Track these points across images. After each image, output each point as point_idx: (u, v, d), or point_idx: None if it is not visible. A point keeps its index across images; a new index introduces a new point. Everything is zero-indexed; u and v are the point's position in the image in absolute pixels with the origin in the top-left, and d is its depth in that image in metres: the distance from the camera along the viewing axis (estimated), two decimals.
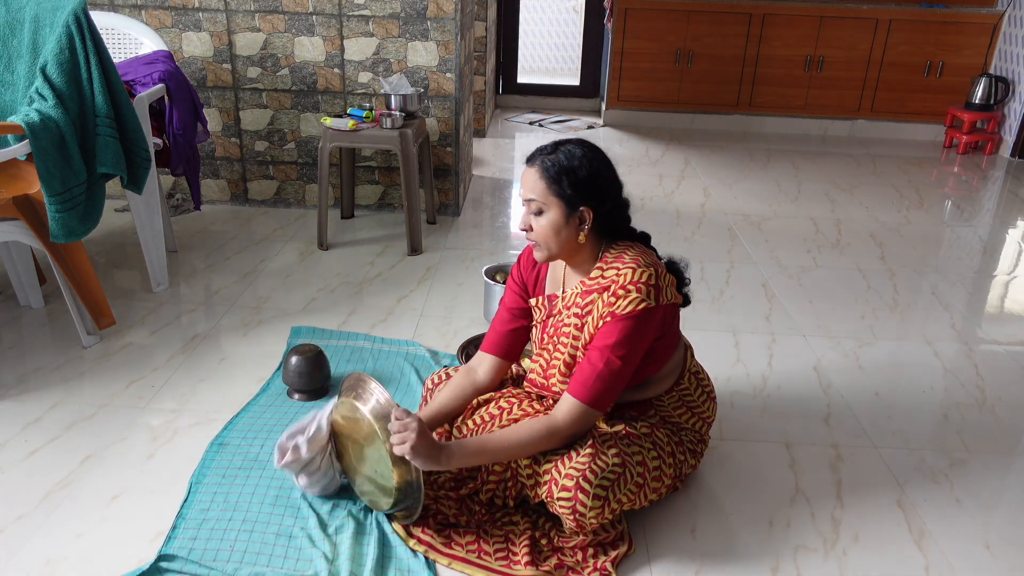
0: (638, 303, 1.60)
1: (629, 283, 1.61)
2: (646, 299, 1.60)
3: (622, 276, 1.62)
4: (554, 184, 1.63)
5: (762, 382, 2.38)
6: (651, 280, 1.62)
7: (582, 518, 1.57)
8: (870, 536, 1.76)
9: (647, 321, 1.62)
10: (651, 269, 1.63)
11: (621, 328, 1.60)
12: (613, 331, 1.61)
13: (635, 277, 1.61)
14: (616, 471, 1.60)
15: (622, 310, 1.60)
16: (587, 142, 1.70)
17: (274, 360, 2.39)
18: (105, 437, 1.99)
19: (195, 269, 3.05)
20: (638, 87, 5.75)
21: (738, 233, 3.65)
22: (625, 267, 1.63)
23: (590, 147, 1.68)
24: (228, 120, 3.59)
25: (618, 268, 1.64)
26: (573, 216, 1.64)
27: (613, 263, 1.66)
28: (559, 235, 1.65)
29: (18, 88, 2.43)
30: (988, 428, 2.20)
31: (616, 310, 1.61)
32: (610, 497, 1.58)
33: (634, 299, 1.60)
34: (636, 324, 1.60)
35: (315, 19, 3.41)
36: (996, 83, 5.25)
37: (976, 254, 3.57)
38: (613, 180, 1.69)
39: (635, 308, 1.60)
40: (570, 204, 1.63)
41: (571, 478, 1.56)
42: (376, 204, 3.75)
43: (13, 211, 2.21)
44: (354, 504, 1.76)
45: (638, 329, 1.61)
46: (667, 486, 1.75)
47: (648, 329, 1.63)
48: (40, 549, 1.62)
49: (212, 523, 1.70)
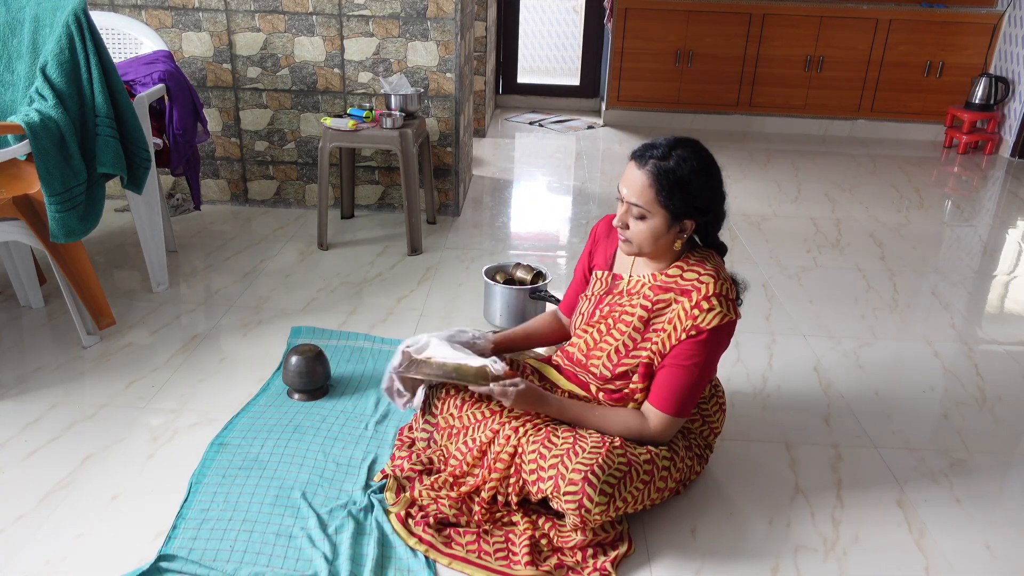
0: (723, 318, 1.63)
1: (712, 295, 1.63)
2: (728, 313, 1.64)
3: (704, 286, 1.64)
4: (665, 196, 1.60)
5: (762, 382, 2.38)
6: (730, 294, 1.66)
7: (588, 514, 1.57)
8: (870, 536, 1.76)
9: (728, 333, 1.67)
10: (729, 282, 1.68)
11: (706, 342, 1.64)
12: (700, 347, 1.64)
13: (717, 289, 1.64)
14: (623, 468, 1.60)
15: (708, 324, 1.63)
16: (699, 147, 1.65)
17: (274, 360, 2.39)
18: (105, 437, 1.99)
19: (195, 269, 3.05)
20: (638, 87, 5.75)
21: (738, 233, 3.65)
22: (706, 275, 1.66)
23: (704, 156, 1.64)
24: (228, 120, 3.59)
25: (699, 273, 1.66)
26: (675, 226, 1.65)
27: (694, 266, 1.68)
28: (657, 241, 1.66)
29: (18, 88, 2.43)
30: (988, 428, 2.20)
31: (702, 324, 1.63)
32: (616, 494, 1.58)
33: (719, 313, 1.63)
34: (720, 337, 1.66)
35: (315, 19, 3.41)
36: (996, 83, 5.25)
37: (976, 254, 3.57)
38: (722, 195, 1.68)
39: (720, 322, 1.63)
40: (675, 216, 1.63)
41: (579, 472, 1.56)
42: (376, 204, 3.75)
43: (13, 211, 2.21)
44: (354, 504, 1.77)
45: (720, 341, 1.67)
46: (670, 489, 1.76)
47: (726, 340, 1.69)
48: (40, 549, 1.62)
49: (212, 523, 1.70)
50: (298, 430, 2.04)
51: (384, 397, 2.20)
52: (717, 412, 1.88)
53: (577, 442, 1.62)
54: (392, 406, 2.16)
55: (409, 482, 1.82)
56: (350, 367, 2.36)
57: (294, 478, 1.85)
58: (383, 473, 1.87)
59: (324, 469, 1.89)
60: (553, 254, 3.44)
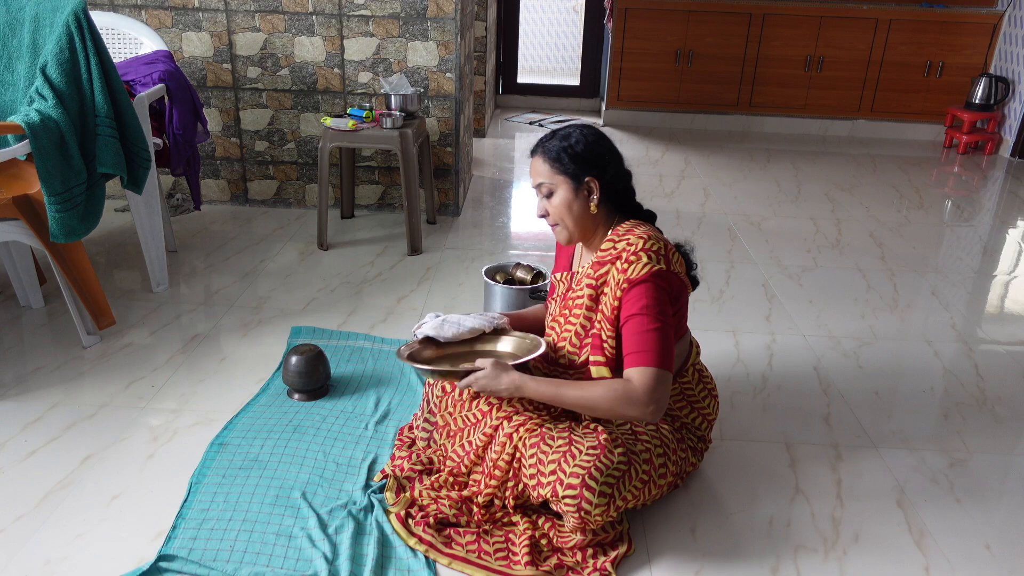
0: (651, 266, 1.64)
1: (640, 250, 1.65)
2: (657, 263, 1.64)
3: (633, 245, 1.67)
4: (556, 163, 1.72)
5: (762, 382, 2.38)
6: (661, 249, 1.67)
7: (587, 515, 1.57)
8: (870, 536, 1.76)
9: (664, 282, 1.65)
10: (660, 242, 1.69)
11: (642, 291, 1.64)
12: (637, 296, 1.64)
13: (643, 245, 1.66)
14: (621, 468, 1.60)
15: (637, 274, 1.64)
16: (583, 123, 1.79)
17: (274, 360, 2.39)
18: (105, 437, 1.99)
19: (195, 269, 3.05)
20: (638, 87, 5.75)
21: (738, 233, 3.65)
22: (636, 238, 1.68)
23: (584, 125, 1.77)
24: (228, 120, 3.59)
25: (629, 239, 1.69)
26: (581, 188, 1.72)
27: (625, 235, 1.71)
28: (572, 210, 1.73)
29: (18, 88, 2.43)
30: (988, 428, 2.20)
31: (631, 275, 1.64)
32: (615, 494, 1.58)
33: (646, 263, 1.64)
34: (654, 285, 1.64)
35: (315, 19, 3.41)
36: (996, 83, 5.25)
37: (976, 254, 3.57)
38: (610, 149, 1.75)
39: (649, 270, 1.64)
40: (575, 178, 1.71)
41: (577, 476, 1.56)
42: (376, 204, 3.75)
43: (13, 211, 2.21)
44: (354, 504, 1.77)
45: (658, 290, 1.64)
46: (669, 483, 1.76)
47: (666, 291, 1.66)
48: (40, 549, 1.62)
49: (212, 523, 1.70)
50: (298, 430, 2.04)
51: (384, 397, 2.21)
52: (707, 398, 1.86)
53: (574, 443, 1.62)
54: (392, 405, 2.16)
55: (409, 482, 1.82)
56: (350, 367, 2.36)
57: (294, 478, 1.85)
58: (383, 473, 1.87)
59: (324, 469, 1.89)
60: (553, 254, 3.44)
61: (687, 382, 1.83)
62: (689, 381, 1.83)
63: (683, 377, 1.82)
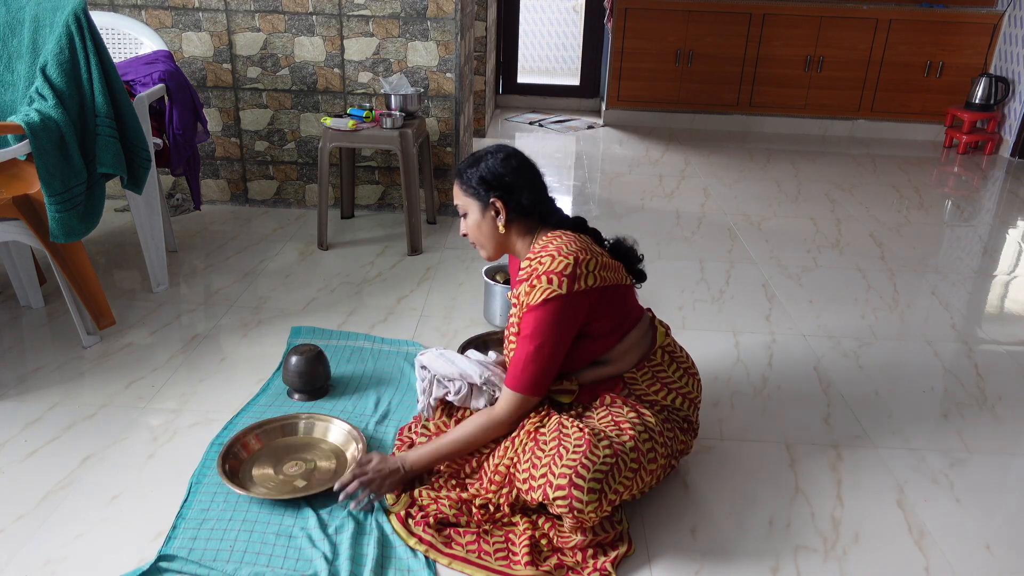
0: (548, 293, 1.68)
1: (543, 272, 1.70)
2: (557, 289, 1.68)
3: (542, 265, 1.71)
4: (465, 186, 1.82)
5: (762, 382, 2.38)
6: (566, 270, 1.68)
7: (580, 514, 1.57)
8: (870, 536, 1.76)
9: (561, 309, 1.69)
10: (570, 258, 1.70)
11: (535, 318, 1.70)
12: (529, 321, 1.72)
13: (551, 266, 1.69)
14: (608, 462, 1.60)
15: (535, 300, 1.70)
16: (501, 145, 1.85)
17: (274, 360, 2.39)
18: (105, 437, 1.99)
19: (195, 269, 3.05)
20: (638, 87, 5.75)
21: (738, 233, 3.65)
22: (547, 255, 1.72)
23: (499, 148, 1.84)
24: (228, 120, 3.59)
25: (541, 258, 1.73)
26: (488, 209, 1.80)
27: (539, 253, 1.75)
28: (481, 230, 1.83)
29: (18, 88, 2.43)
30: (988, 428, 2.20)
31: (530, 300, 1.70)
32: (606, 489, 1.58)
33: (544, 289, 1.69)
34: (548, 313, 1.69)
35: (315, 19, 3.41)
36: (996, 83, 5.25)
37: (976, 254, 3.57)
38: (517, 169, 1.80)
39: (544, 298, 1.68)
40: (481, 199, 1.80)
41: (564, 476, 1.57)
42: (376, 204, 3.75)
43: (13, 211, 2.21)
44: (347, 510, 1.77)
45: (553, 317, 1.69)
46: (662, 466, 1.75)
47: (565, 316, 1.70)
48: (40, 549, 1.62)
49: (212, 523, 1.70)
50: None
51: (384, 397, 2.21)
52: (683, 377, 1.86)
53: (562, 442, 1.63)
54: (392, 405, 2.16)
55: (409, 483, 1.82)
56: (350, 367, 2.36)
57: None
58: None
59: None
60: None
61: (657, 364, 1.83)
62: (660, 364, 1.84)
63: (652, 361, 1.83)
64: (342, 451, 1.93)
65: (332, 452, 1.93)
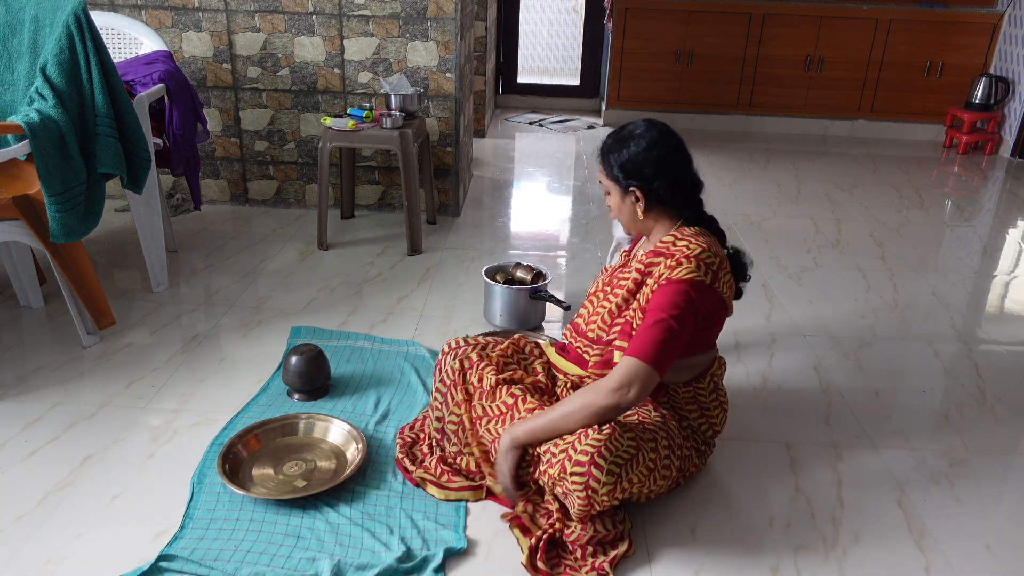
0: (694, 274, 1.67)
1: (693, 256, 1.69)
2: (701, 274, 1.68)
3: (690, 249, 1.71)
4: (607, 168, 1.80)
5: (762, 382, 2.38)
6: (713, 264, 1.70)
7: (594, 495, 1.57)
8: (870, 536, 1.76)
9: (698, 293, 1.67)
10: (717, 258, 1.72)
11: (674, 291, 1.67)
12: (668, 294, 1.67)
13: (698, 252, 1.70)
14: (631, 451, 1.61)
15: (677, 275, 1.67)
16: (648, 122, 1.79)
17: (274, 360, 2.39)
18: (105, 437, 1.99)
19: (195, 269, 3.05)
20: (638, 87, 5.75)
21: (738, 233, 3.65)
22: (695, 243, 1.72)
23: (649, 128, 1.77)
24: (228, 120, 3.59)
25: (690, 243, 1.73)
26: (628, 196, 1.79)
27: (688, 236, 1.75)
28: (622, 212, 1.83)
29: (18, 88, 2.43)
30: (988, 428, 2.20)
31: (672, 275, 1.68)
32: (623, 475, 1.59)
33: (691, 269, 1.67)
34: (688, 291, 1.66)
35: (315, 19, 3.41)
36: (996, 83, 5.25)
37: (976, 254, 3.57)
38: (660, 160, 1.75)
39: (691, 276, 1.67)
40: (621, 185, 1.78)
41: (586, 454, 1.57)
42: (376, 204, 3.75)
43: (13, 211, 2.21)
44: (356, 510, 1.77)
45: (690, 296, 1.66)
46: (672, 478, 1.76)
47: (699, 302, 1.68)
48: (40, 549, 1.62)
49: (220, 523, 1.70)
50: None
51: (384, 397, 2.21)
52: (717, 409, 1.88)
53: (587, 428, 1.63)
54: (392, 405, 2.16)
55: (422, 454, 1.93)
56: (350, 367, 2.36)
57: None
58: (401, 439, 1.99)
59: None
60: (553, 254, 3.44)
61: (701, 388, 1.84)
62: (704, 388, 1.84)
63: (699, 383, 1.83)
64: (342, 451, 1.93)
65: (332, 452, 1.93)
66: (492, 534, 1.71)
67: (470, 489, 1.81)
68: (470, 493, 1.81)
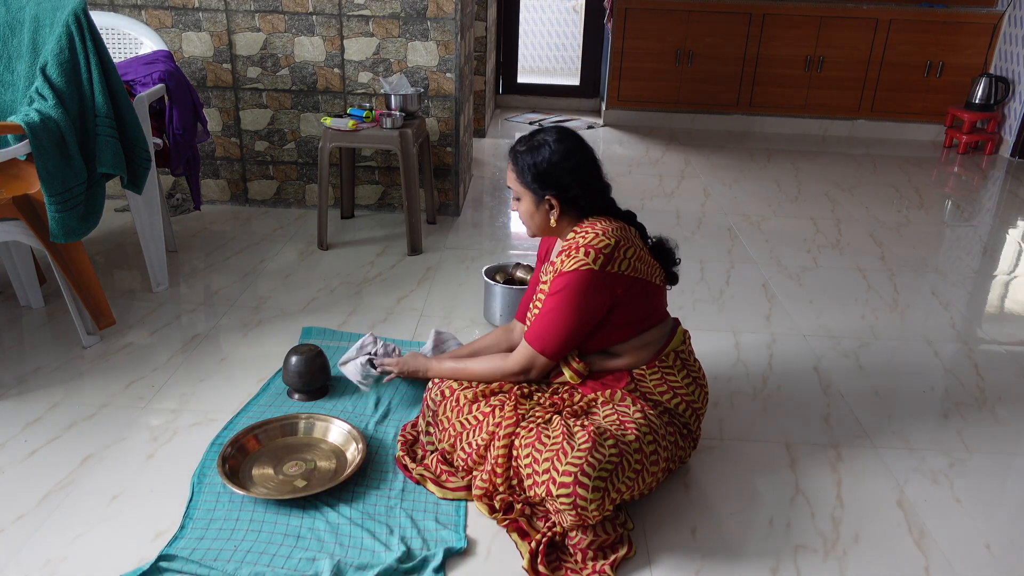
0: (582, 264, 1.72)
1: (583, 245, 1.73)
2: (591, 263, 1.72)
3: (583, 239, 1.75)
4: (521, 176, 1.83)
5: (762, 382, 2.38)
6: (605, 249, 1.73)
7: (584, 512, 1.57)
8: (870, 536, 1.76)
9: (591, 282, 1.72)
10: (612, 240, 1.73)
11: (564, 282, 1.74)
12: (559, 283, 1.76)
13: (590, 241, 1.73)
14: (613, 461, 1.60)
15: (567, 267, 1.74)
16: (560, 131, 1.84)
17: (274, 360, 2.39)
18: (105, 437, 1.99)
19: (195, 269, 3.05)
20: (638, 87, 5.75)
21: (738, 233, 3.65)
22: (591, 232, 1.76)
23: (559, 137, 1.82)
24: (228, 120, 3.59)
25: (585, 232, 1.77)
26: (542, 204, 1.83)
27: (586, 227, 1.79)
28: (533, 219, 1.87)
29: (18, 88, 2.43)
30: (988, 428, 2.20)
31: (563, 267, 1.75)
32: (609, 487, 1.59)
33: (579, 260, 1.73)
34: (577, 281, 1.73)
35: (315, 19, 3.41)
36: (996, 83, 5.25)
37: (976, 254, 3.57)
38: (576, 169, 1.80)
39: (576, 267, 1.72)
40: (536, 194, 1.82)
41: (569, 473, 1.57)
42: (376, 204, 3.75)
43: (13, 211, 2.21)
44: (356, 510, 1.77)
45: (580, 286, 1.73)
46: (662, 469, 1.75)
47: (592, 290, 1.73)
48: (40, 549, 1.62)
49: (220, 523, 1.70)
50: None
51: (384, 397, 2.21)
52: (691, 385, 1.85)
53: (566, 439, 1.63)
54: (392, 405, 2.16)
55: (422, 452, 1.95)
56: None
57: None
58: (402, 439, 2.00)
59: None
60: None
61: (667, 366, 1.84)
62: (670, 366, 1.84)
63: (664, 362, 1.83)
64: (342, 451, 1.93)
65: (332, 452, 1.93)
66: (492, 534, 1.72)
67: (467, 489, 1.81)
68: (466, 493, 1.81)
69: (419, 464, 1.88)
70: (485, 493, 1.76)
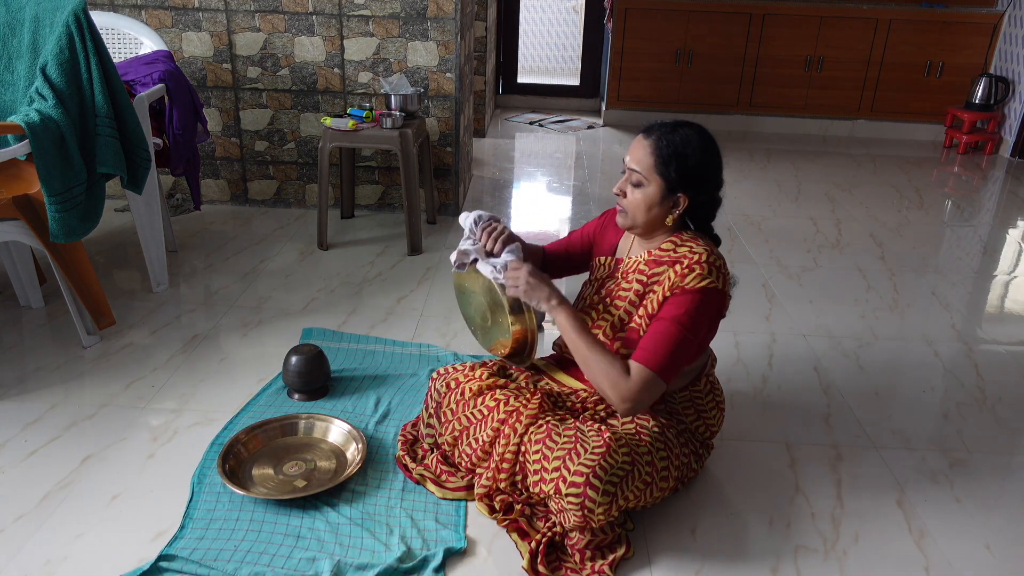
0: (708, 280, 1.64)
1: (704, 261, 1.65)
2: (714, 280, 1.65)
3: (696, 255, 1.67)
4: (662, 164, 1.66)
5: (762, 382, 2.38)
6: (721, 267, 1.68)
7: (590, 514, 1.57)
8: (870, 536, 1.76)
9: (711, 300, 1.65)
10: (721, 259, 1.70)
11: (689, 301, 1.63)
12: (682, 303, 1.64)
13: (707, 258, 1.66)
14: (625, 468, 1.60)
15: (691, 284, 1.64)
16: (705, 131, 1.72)
17: (274, 360, 2.39)
18: (105, 437, 1.99)
19: (195, 269, 3.05)
20: (638, 87, 5.75)
21: (738, 233, 3.65)
22: (700, 248, 1.68)
23: (707, 138, 1.71)
24: (228, 120, 3.59)
25: (692, 247, 1.69)
26: (669, 199, 1.69)
27: (688, 242, 1.71)
28: (649, 211, 1.70)
29: (18, 88, 2.43)
30: (988, 428, 2.20)
31: (685, 284, 1.64)
32: (618, 494, 1.59)
33: (705, 276, 1.64)
34: (702, 300, 1.64)
35: (315, 19, 3.41)
36: (996, 83, 5.25)
37: (976, 254, 3.57)
38: (716, 176, 1.72)
39: (705, 284, 1.64)
40: (670, 187, 1.68)
41: (581, 474, 1.57)
42: (376, 204, 3.75)
43: (13, 211, 2.21)
44: (356, 510, 1.77)
45: (703, 306, 1.64)
46: (671, 488, 1.76)
47: (711, 309, 1.66)
48: (40, 549, 1.62)
49: (220, 523, 1.70)
50: None
51: (384, 397, 2.20)
52: (714, 410, 1.86)
53: (579, 441, 1.62)
54: (392, 405, 2.16)
55: (423, 451, 1.94)
56: (350, 367, 2.35)
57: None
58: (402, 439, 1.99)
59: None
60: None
61: (698, 391, 1.83)
62: (700, 390, 1.84)
63: (695, 386, 1.82)
64: (342, 451, 1.93)
65: (332, 452, 1.93)
66: (492, 534, 1.72)
67: (467, 489, 1.81)
68: (466, 493, 1.81)
69: (419, 464, 1.88)
70: (487, 493, 1.76)
